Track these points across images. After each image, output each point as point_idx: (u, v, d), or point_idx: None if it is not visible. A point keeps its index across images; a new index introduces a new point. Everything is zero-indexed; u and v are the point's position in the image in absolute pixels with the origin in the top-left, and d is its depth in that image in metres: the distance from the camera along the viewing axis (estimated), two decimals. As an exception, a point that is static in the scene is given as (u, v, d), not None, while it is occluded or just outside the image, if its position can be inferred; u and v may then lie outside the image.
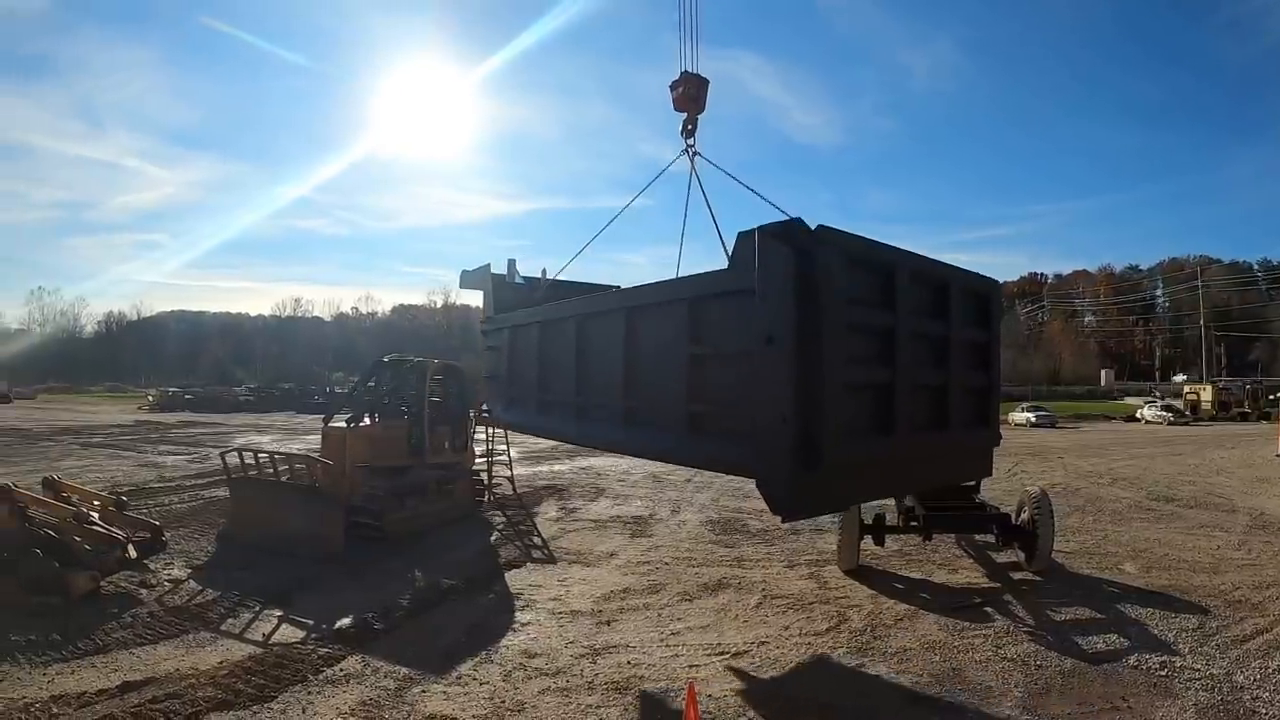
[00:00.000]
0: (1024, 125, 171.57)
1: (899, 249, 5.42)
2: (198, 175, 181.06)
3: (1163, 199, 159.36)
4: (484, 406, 9.67)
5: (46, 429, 37.41)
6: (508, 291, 9.28)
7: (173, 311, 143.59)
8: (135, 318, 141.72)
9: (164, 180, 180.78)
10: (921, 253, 5.69)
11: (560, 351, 7.27)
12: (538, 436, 11.68)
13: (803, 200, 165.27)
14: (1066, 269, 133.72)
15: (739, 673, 7.04)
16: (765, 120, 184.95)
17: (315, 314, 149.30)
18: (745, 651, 7.52)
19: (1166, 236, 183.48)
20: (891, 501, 12.12)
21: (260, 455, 13.04)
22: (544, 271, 9.71)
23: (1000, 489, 16.52)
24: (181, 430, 39.40)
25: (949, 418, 5.85)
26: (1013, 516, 10.56)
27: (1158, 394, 78.14)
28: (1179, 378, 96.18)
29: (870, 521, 10.42)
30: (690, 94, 8.57)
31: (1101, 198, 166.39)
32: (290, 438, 33.20)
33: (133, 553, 9.85)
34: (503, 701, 6.41)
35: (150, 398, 73.21)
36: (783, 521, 5.64)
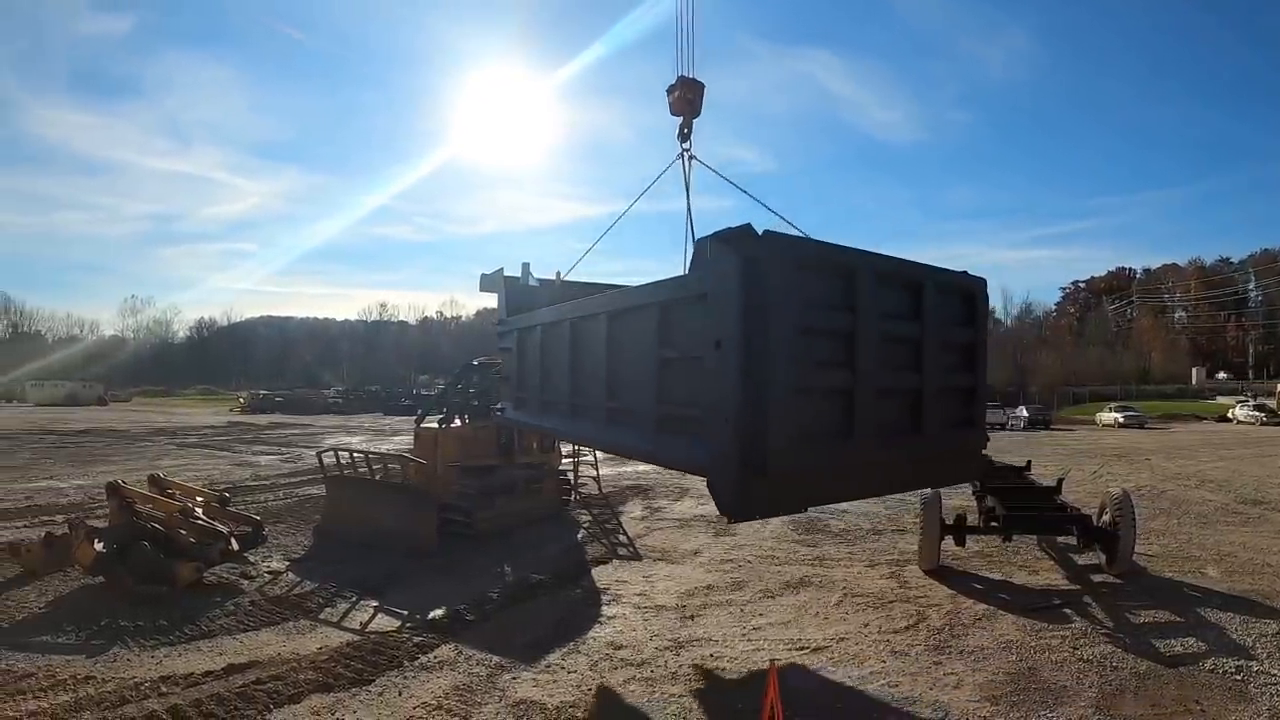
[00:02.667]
0: (1104, 114, 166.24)
1: (862, 251, 5.33)
2: (282, 186, 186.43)
3: (1252, 187, 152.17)
4: (498, 406, 9.97)
5: (143, 430, 39.08)
6: (520, 294, 9.46)
7: (261, 317, 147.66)
8: (225, 323, 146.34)
9: (250, 191, 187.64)
10: (1003, 250, 5.60)
11: (558, 353, 7.47)
12: (541, 435, 11.97)
13: (882, 197, 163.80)
14: (1155, 263, 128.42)
15: (818, 666, 7.21)
16: (842, 117, 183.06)
17: (400, 318, 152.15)
18: (825, 647, 7.68)
19: (1258, 226, 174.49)
20: (973, 502, 12.19)
21: (355, 455, 13.59)
22: (558, 274, 9.88)
23: (1085, 490, 16.43)
24: (273, 431, 40.74)
25: (923, 421, 5.76)
26: (1094, 518, 10.50)
27: (1249, 393, 75.26)
28: (1220, 375, 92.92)
29: (951, 522, 10.48)
30: (686, 98, 8.63)
31: (1189, 187, 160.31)
32: (378, 438, 34.10)
33: (235, 546, 10.32)
34: (589, 689, 6.68)
35: (241, 400, 75.60)
36: (730, 523, 5.59)
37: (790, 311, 4.60)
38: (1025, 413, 57.38)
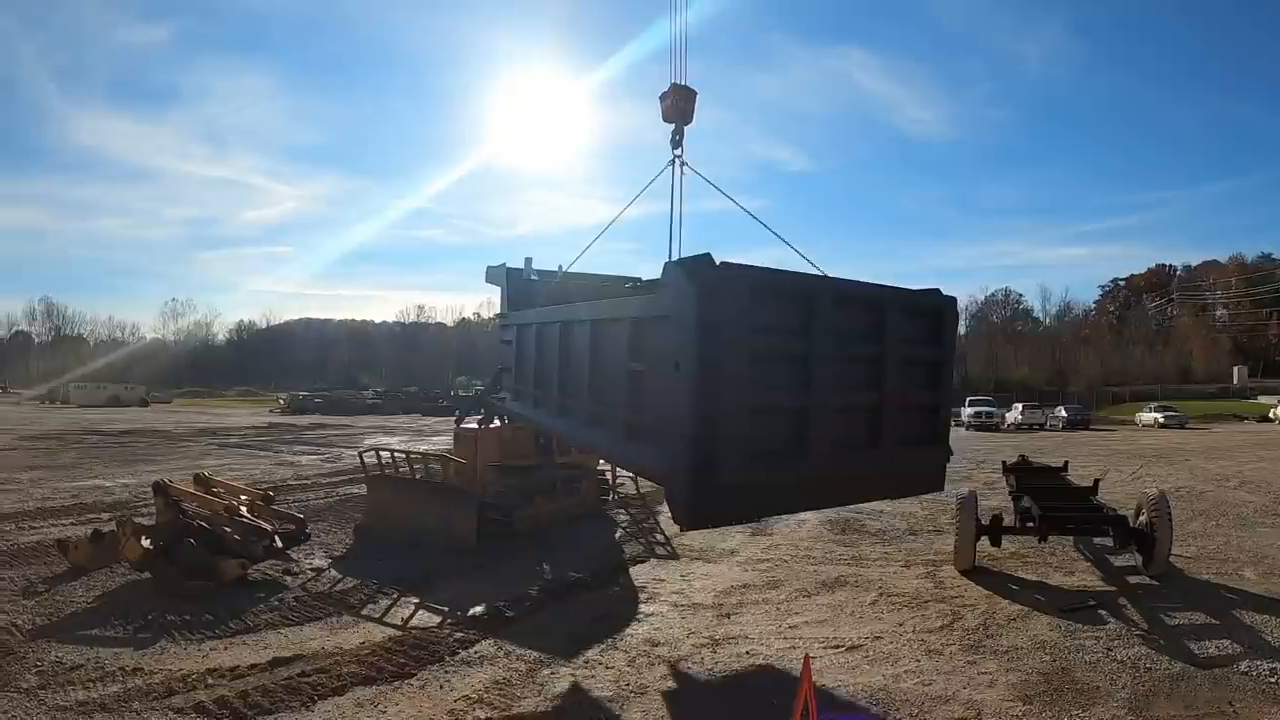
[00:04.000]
0: (1142, 109, 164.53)
1: (821, 277, 5.65)
2: (319, 190, 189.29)
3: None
4: (500, 394, 10.18)
5: (186, 430, 39.55)
6: (521, 287, 9.81)
7: (300, 319, 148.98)
8: (265, 326, 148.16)
9: (287, 196, 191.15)
10: (1041, 248, 5.69)
11: (549, 352, 7.79)
12: (534, 429, 12.21)
13: (919, 196, 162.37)
14: (1195, 260, 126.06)
15: (853, 664, 7.25)
16: (878, 116, 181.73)
17: (438, 320, 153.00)
18: (859, 645, 7.72)
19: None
20: (1009, 502, 12.18)
21: (395, 454, 13.72)
22: (560, 267, 10.11)
23: (1123, 491, 16.32)
24: (313, 431, 41.14)
25: (881, 437, 5.91)
26: (1131, 519, 10.43)
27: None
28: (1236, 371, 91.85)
29: (987, 522, 10.43)
30: (679, 105, 8.76)
31: (1229, 182, 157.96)
32: (417, 438, 34.41)
33: (279, 543, 10.52)
34: (627, 684, 6.75)
35: (281, 401, 76.26)
36: (682, 531, 5.89)
37: (745, 337, 4.84)
38: (1064, 413, 56.88)
